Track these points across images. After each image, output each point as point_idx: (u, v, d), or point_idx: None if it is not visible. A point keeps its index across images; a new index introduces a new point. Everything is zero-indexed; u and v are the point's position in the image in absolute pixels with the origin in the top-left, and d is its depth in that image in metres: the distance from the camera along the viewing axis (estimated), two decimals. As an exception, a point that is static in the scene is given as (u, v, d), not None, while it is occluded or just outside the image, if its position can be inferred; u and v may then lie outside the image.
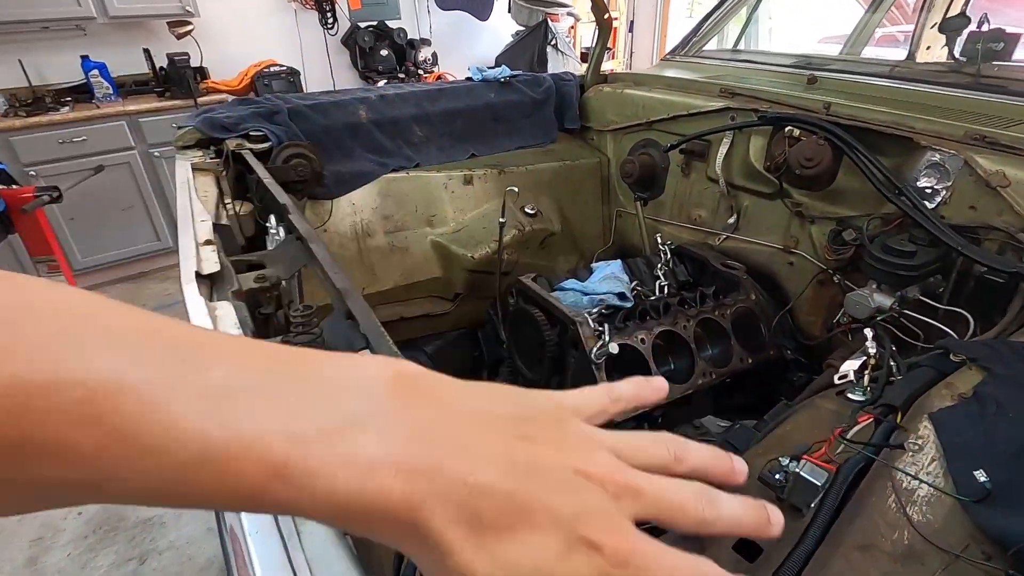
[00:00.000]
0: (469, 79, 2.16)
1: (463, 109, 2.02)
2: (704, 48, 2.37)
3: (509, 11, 5.18)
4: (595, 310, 1.46)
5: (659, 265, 1.73)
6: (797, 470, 0.89)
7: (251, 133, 1.62)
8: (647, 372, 1.36)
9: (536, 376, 1.43)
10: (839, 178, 1.49)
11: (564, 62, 5.14)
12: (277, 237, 1.26)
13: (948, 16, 1.78)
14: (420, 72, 5.00)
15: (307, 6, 4.50)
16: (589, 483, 0.24)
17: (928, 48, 2.51)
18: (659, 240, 1.81)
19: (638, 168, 1.98)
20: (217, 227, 1.19)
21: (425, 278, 1.86)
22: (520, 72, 2.21)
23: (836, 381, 1.22)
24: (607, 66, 5.95)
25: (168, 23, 3.71)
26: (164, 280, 3.85)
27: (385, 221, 1.82)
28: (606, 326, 1.28)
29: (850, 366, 1.23)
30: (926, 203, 1.28)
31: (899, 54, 3.11)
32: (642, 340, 1.36)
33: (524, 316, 1.40)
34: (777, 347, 1.60)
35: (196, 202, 1.23)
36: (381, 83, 4.81)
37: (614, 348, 1.21)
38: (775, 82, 1.80)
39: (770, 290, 1.67)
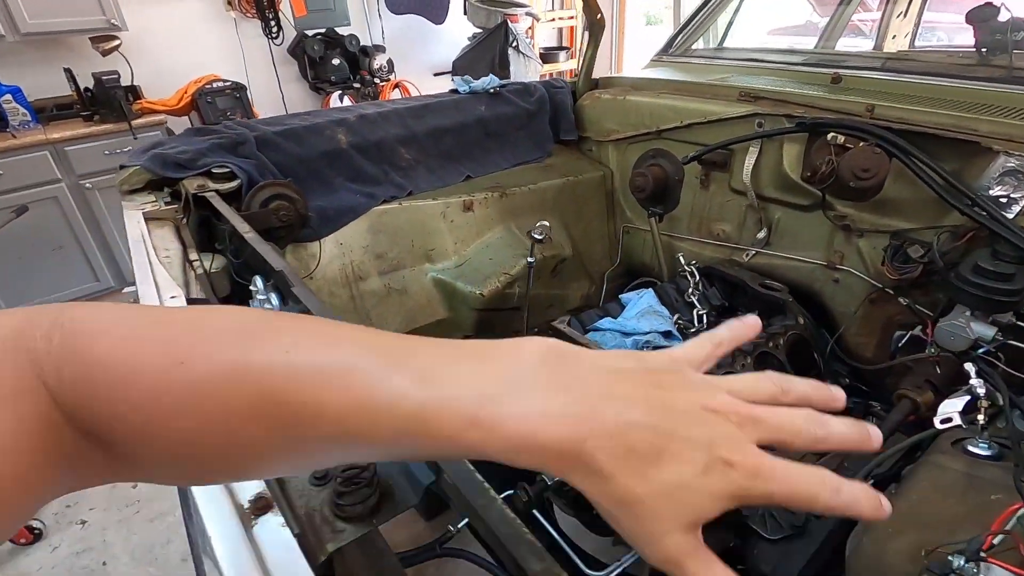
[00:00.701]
0: (454, 91, 1.94)
1: (452, 125, 1.80)
2: (692, 47, 2.23)
3: (465, 13, 4.96)
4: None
5: (689, 290, 1.56)
6: (978, 574, 0.74)
7: (214, 170, 1.35)
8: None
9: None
10: (887, 186, 1.35)
11: (526, 64, 4.96)
12: (267, 305, 1.02)
13: (976, 6, 1.68)
14: (376, 81, 4.71)
15: (248, 15, 4.14)
16: (716, 416, 0.28)
17: (894, 37, 2.46)
18: (681, 260, 1.64)
19: (651, 182, 1.81)
20: (192, 302, 0.93)
21: (429, 322, 1.63)
22: (509, 81, 2.01)
23: (939, 426, 1.08)
24: (566, 66, 5.82)
25: (91, 39, 3.30)
26: (107, 326, 3.42)
27: (379, 261, 1.58)
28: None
29: (952, 407, 1.09)
30: (1005, 214, 1.16)
31: (864, 44, 3.07)
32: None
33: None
34: (832, 374, 1.46)
35: (160, 270, 0.97)
36: (335, 94, 4.50)
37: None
38: (792, 82, 1.67)
39: (812, 310, 1.53)
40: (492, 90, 1.92)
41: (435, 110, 1.80)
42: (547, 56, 5.46)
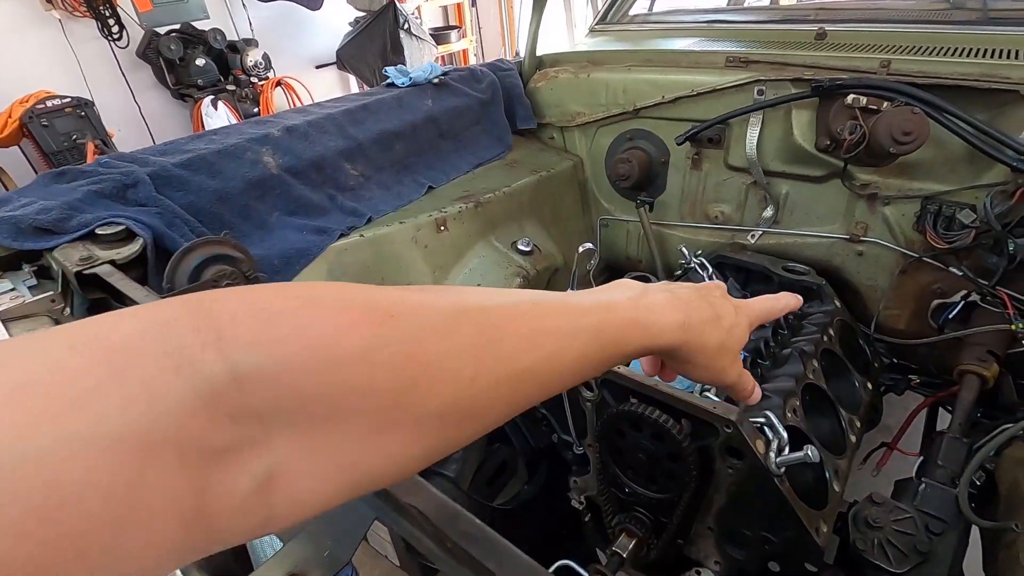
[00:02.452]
0: (391, 85, 1.60)
1: (401, 128, 1.47)
2: (630, 13, 2.04)
3: (343, -5, 4.45)
4: (713, 388, 1.07)
5: (708, 285, 1.38)
6: None
7: (98, 231, 0.94)
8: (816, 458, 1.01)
9: (660, 493, 1.01)
10: (909, 147, 1.24)
11: (420, 47, 4.57)
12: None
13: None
14: (253, 80, 4.10)
15: (77, 14, 3.38)
16: (736, 310, 0.51)
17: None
18: (685, 251, 1.46)
19: (636, 167, 1.61)
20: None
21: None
22: (450, 67, 1.70)
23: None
24: (458, 46, 5.48)
25: None
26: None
27: (346, 311, 1.23)
28: (771, 416, 0.90)
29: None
30: (1058, 165, 1.07)
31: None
32: (795, 412, 1.01)
33: (633, 421, 0.97)
34: (878, 357, 1.36)
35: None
36: (206, 100, 3.85)
37: (814, 455, 0.83)
38: (771, 45, 1.52)
39: (836, 288, 1.41)
40: (435, 80, 1.61)
41: (376, 111, 1.46)
42: (437, 37, 5.08)
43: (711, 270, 1.42)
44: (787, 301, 0.59)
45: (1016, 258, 1.12)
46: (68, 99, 3.03)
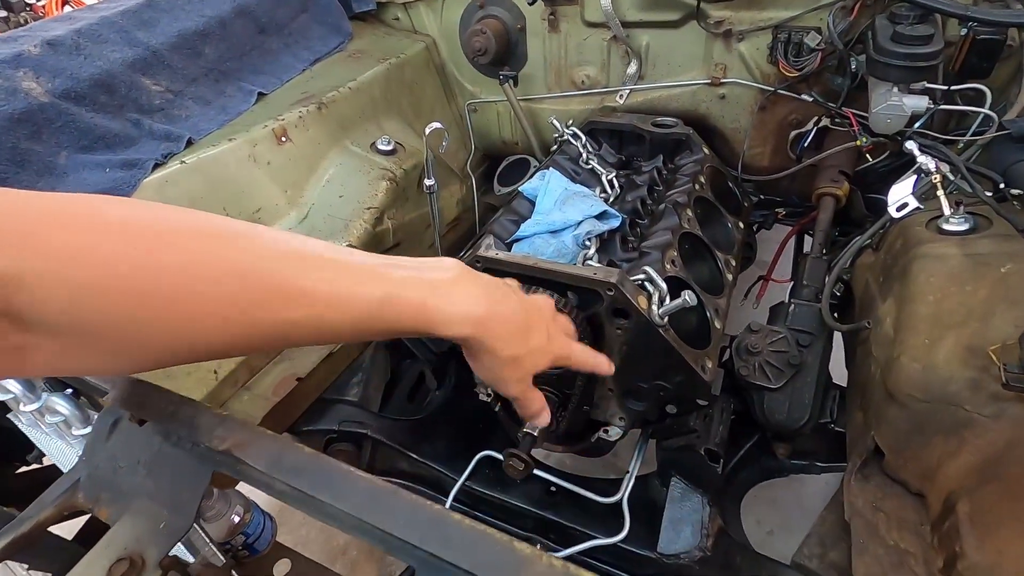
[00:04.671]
0: (181, -26, 1.31)
1: (206, 26, 1.23)
2: None
3: None
4: (591, 251, 1.05)
5: (583, 156, 1.34)
6: None
7: None
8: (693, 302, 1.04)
9: (557, 368, 1.01)
10: (756, -25, 1.21)
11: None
12: (53, 418, 0.56)
13: None
14: (30, 1, 3.33)
15: None
16: (554, 322, 0.64)
17: None
18: (556, 123, 1.40)
19: (492, 39, 1.47)
20: None
21: (295, 305, 1.21)
22: (254, -57, 1.41)
23: (895, 213, 1.05)
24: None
25: None
26: None
27: (189, 253, 1.08)
28: (650, 271, 0.90)
29: (903, 190, 1.06)
30: (890, -28, 1.07)
31: None
32: (674, 262, 1.02)
33: (519, 304, 0.93)
34: (747, 196, 1.40)
35: None
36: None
37: (691, 299, 0.85)
38: None
39: (703, 135, 1.42)
40: (237, -39, 1.33)
41: (168, 9, 1.20)
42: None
43: (584, 139, 1.37)
44: (598, 363, 0.74)
45: (858, 76, 1.15)
46: None
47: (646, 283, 0.91)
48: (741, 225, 1.28)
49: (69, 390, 0.64)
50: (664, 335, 0.90)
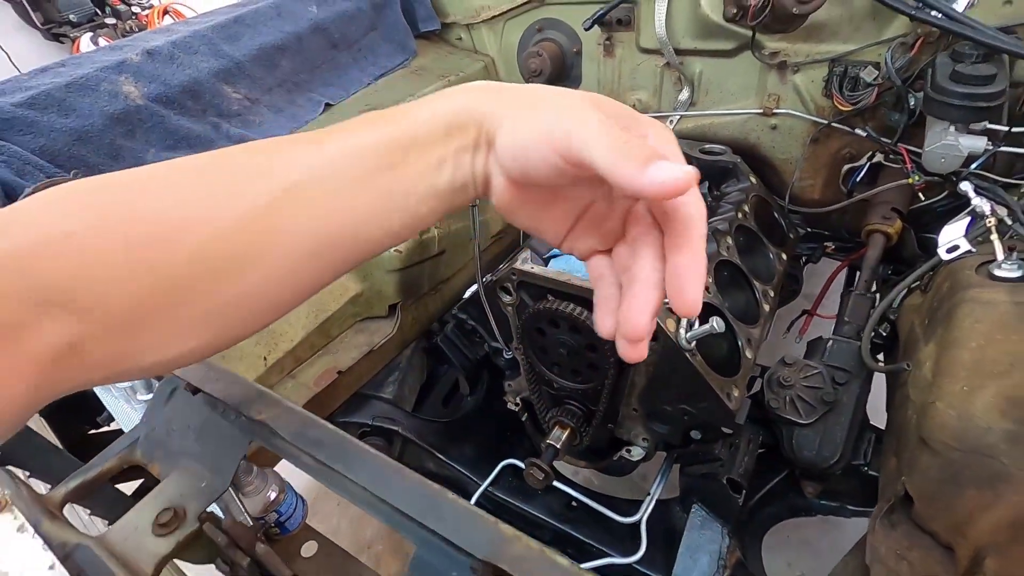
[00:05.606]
0: (267, -7, 1.43)
1: (284, 41, 1.34)
2: None
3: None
4: (626, 271, 1.07)
5: (628, 177, 1.36)
6: None
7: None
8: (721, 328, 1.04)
9: (585, 384, 1.03)
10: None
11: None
12: (122, 384, 0.64)
13: None
14: (136, 10, 3.67)
15: (-99, -55, 2.88)
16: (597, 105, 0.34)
17: None
18: (605, 145, 1.42)
19: (548, 61, 1.52)
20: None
21: (341, 303, 1.28)
22: (334, -34, 1.53)
23: (945, 256, 1.03)
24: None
25: None
26: None
27: (251, 247, 1.17)
28: (680, 294, 0.91)
29: (955, 232, 1.03)
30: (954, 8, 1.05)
31: None
32: (707, 290, 1.03)
33: (550, 317, 0.97)
34: (794, 228, 1.39)
35: None
36: (84, 38, 3.43)
37: (719, 325, 0.85)
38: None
39: (751, 164, 1.41)
40: (317, -18, 1.44)
41: (252, 24, 1.31)
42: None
43: (631, 161, 1.39)
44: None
45: (916, 112, 1.13)
46: (-85, 51, 2.65)
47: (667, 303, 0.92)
48: (784, 257, 1.27)
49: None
50: (691, 359, 0.91)
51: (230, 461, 0.48)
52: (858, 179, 1.26)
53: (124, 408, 0.68)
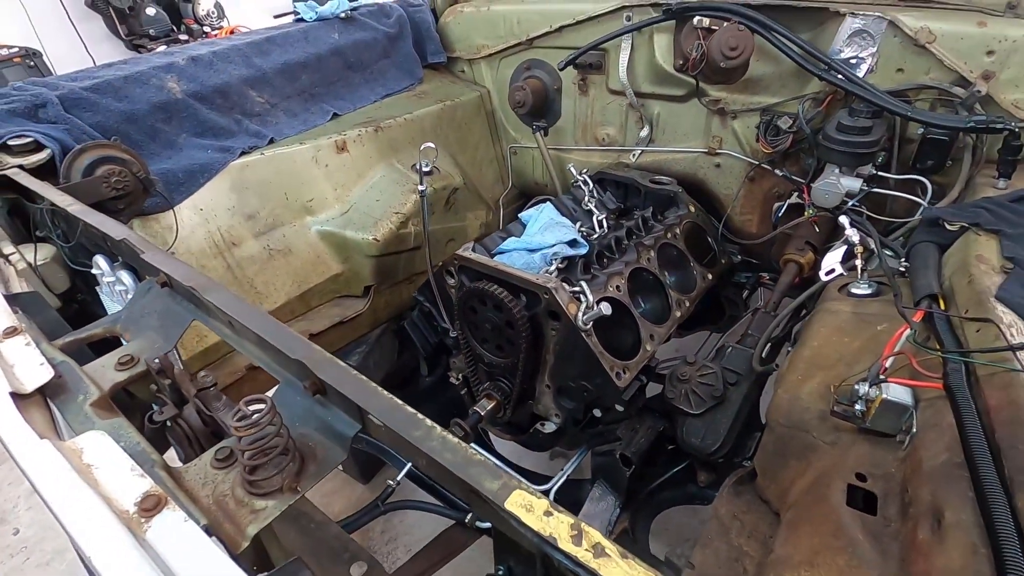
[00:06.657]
0: (300, 20, 1.71)
1: (306, 59, 1.60)
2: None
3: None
4: (552, 268, 1.25)
5: (584, 198, 1.56)
6: (885, 396, 0.81)
7: (10, 142, 1.10)
8: (630, 323, 1.21)
9: (506, 358, 1.21)
10: (752, 66, 1.39)
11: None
12: (119, 287, 0.85)
13: None
14: (206, 30, 4.13)
15: (20, -38, 3.39)
16: None
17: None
18: (572, 170, 1.62)
19: (530, 95, 1.75)
20: (14, 299, 0.75)
21: (323, 279, 1.50)
22: (359, 3, 1.81)
23: (824, 278, 1.17)
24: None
25: None
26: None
27: (251, 222, 1.40)
28: (583, 284, 1.09)
29: (833, 259, 1.18)
30: (855, 74, 1.23)
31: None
32: (618, 288, 1.20)
33: (479, 296, 1.15)
34: (727, 254, 1.54)
35: (-40, 267, 0.77)
36: (160, 50, 3.88)
37: (607, 309, 1.03)
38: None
39: (699, 197, 1.59)
40: (343, 14, 1.72)
41: (281, 44, 1.58)
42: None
43: (592, 186, 1.59)
44: None
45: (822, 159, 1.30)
46: (16, 49, 3.09)
47: (580, 295, 1.09)
48: (709, 276, 1.42)
49: (132, 271, 0.93)
50: (586, 339, 1.07)
51: (176, 331, 0.68)
52: (779, 215, 1.42)
53: (114, 306, 0.89)
